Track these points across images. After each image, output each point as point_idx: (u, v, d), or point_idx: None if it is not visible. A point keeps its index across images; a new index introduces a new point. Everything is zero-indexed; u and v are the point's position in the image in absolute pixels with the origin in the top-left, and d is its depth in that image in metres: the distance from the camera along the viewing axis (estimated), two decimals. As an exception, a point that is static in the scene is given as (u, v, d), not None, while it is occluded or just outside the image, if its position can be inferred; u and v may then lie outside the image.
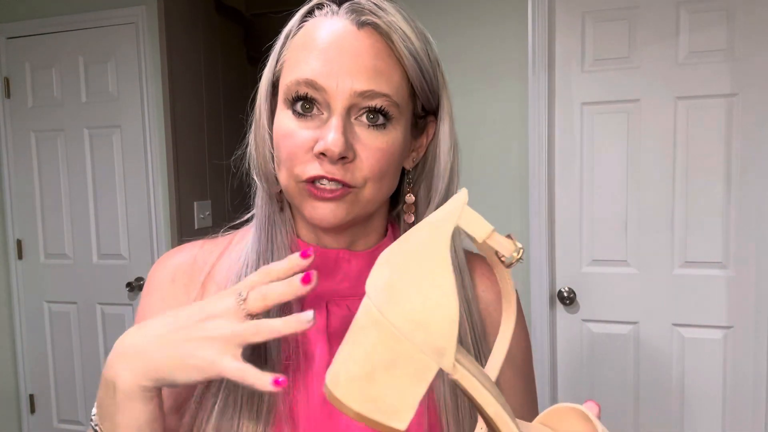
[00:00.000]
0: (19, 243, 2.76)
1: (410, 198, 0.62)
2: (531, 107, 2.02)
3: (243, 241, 0.64)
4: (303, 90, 0.54)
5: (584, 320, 2.04)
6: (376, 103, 0.54)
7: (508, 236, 0.38)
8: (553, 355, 2.07)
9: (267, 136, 0.59)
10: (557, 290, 2.05)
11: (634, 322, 1.98)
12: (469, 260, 0.66)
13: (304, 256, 0.51)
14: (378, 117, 0.54)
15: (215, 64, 2.90)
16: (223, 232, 0.68)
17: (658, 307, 1.95)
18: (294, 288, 0.49)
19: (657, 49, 1.90)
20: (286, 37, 0.58)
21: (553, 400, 2.08)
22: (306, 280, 0.49)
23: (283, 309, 0.57)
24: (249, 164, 0.62)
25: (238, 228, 0.67)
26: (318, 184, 0.54)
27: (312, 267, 0.60)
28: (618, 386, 2.01)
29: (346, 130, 0.53)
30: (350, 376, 0.36)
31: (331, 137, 0.52)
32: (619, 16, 1.94)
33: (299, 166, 0.54)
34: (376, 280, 0.37)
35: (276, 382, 0.46)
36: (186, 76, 2.63)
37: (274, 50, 0.59)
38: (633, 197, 1.96)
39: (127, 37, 2.52)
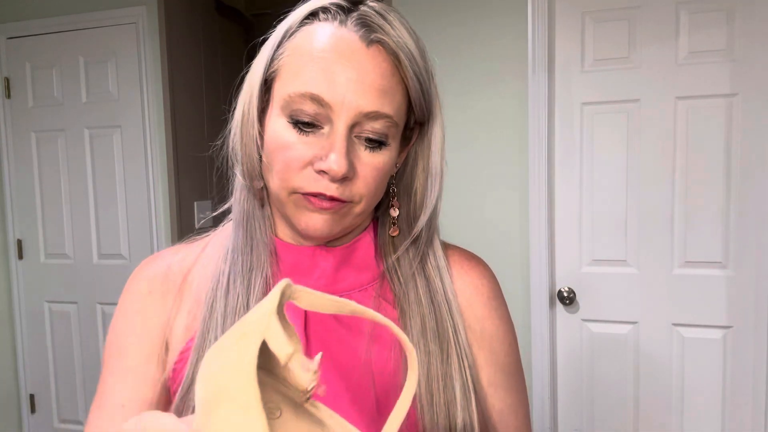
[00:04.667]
0: (19, 243, 2.76)
1: (394, 212, 0.62)
2: (531, 107, 2.02)
3: (219, 239, 0.64)
4: (309, 107, 0.53)
5: (584, 320, 2.04)
6: (379, 125, 0.54)
7: (316, 372, 0.36)
8: (552, 354, 2.07)
9: (256, 134, 0.57)
10: (557, 290, 2.05)
11: (634, 322, 1.98)
12: (448, 254, 0.65)
13: None
14: (378, 137, 0.55)
15: (215, 64, 2.90)
16: (197, 234, 0.66)
17: (657, 306, 1.95)
18: None
19: (657, 49, 1.90)
20: (284, 36, 0.56)
21: (553, 399, 2.08)
22: None
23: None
24: (231, 158, 0.61)
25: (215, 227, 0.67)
26: (313, 197, 0.54)
27: (289, 265, 0.60)
28: (617, 386, 2.01)
29: (349, 151, 0.53)
30: None
31: (336, 159, 0.51)
32: (619, 16, 1.94)
33: (296, 179, 0.54)
34: (197, 394, 0.36)
35: None
36: (186, 76, 2.63)
37: (269, 45, 0.57)
38: (633, 197, 1.96)
39: (127, 37, 2.52)
